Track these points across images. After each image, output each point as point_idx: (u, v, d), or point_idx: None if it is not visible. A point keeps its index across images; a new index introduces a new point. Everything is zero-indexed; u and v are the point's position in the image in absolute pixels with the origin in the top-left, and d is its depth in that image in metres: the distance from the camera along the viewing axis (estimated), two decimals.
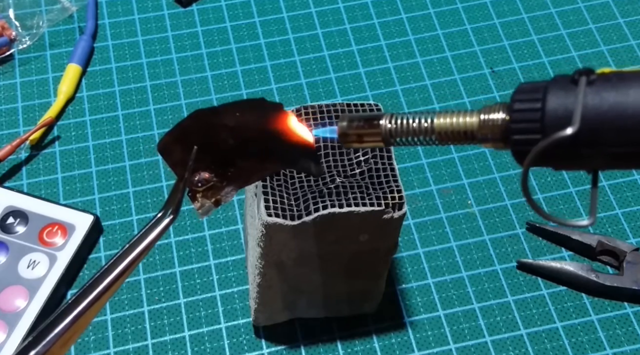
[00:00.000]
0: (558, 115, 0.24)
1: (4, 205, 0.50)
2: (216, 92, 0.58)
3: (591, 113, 0.23)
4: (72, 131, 0.56)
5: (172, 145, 0.31)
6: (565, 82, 0.25)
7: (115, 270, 0.29)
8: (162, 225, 0.30)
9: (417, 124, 0.28)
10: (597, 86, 0.24)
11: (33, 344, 0.28)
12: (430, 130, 0.28)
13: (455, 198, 0.54)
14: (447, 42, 0.61)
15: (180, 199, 0.31)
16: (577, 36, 0.62)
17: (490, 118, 0.26)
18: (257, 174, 0.33)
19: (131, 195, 0.53)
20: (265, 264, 0.41)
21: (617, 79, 0.24)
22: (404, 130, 0.28)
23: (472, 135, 0.27)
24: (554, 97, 0.24)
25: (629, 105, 0.23)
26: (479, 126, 0.27)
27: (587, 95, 0.24)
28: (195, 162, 0.31)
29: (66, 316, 0.29)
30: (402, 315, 0.49)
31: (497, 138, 0.26)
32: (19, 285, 0.48)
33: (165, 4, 0.63)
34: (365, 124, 0.29)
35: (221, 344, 0.48)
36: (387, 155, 0.40)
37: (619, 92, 0.23)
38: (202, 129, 0.31)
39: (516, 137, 0.25)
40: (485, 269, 0.51)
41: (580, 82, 0.24)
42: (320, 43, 0.61)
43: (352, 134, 0.30)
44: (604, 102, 0.23)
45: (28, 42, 0.59)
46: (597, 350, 0.47)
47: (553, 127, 0.24)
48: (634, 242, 0.52)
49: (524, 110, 0.25)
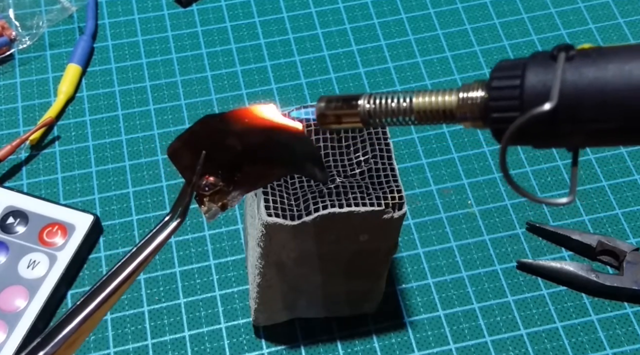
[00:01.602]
0: (537, 92, 0.23)
1: (4, 205, 0.50)
2: (216, 92, 0.58)
3: (570, 89, 0.23)
4: (72, 131, 0.56)
5: (182, 150, 0.32)
6: (544, 58, 0.24)
7: (123, 273, 0.30)
8: (170, 229, 0.30)
9: (395, 104, 0.27)
10: (577, 62, 0.23)
11: (41, 345, 0.28)
12: (409, 110, 0.27)
13: (455, 198, 0.54)
14: (447, 42, 0.61)
15: (187, 203, 0.31)
16: (576, 36, 0.62)
17: (469, 96, 0.26)
18: (263, 179, 0.34)
19: (131, 195, 0.53)
20: (265, 264, 0.41)
21: (597, 54, 0.23)
22: (383, 111, 0.27)
23: (451, 114, 0.26)
24: (532, 74, 0.24)
25: (608, 81, 0.23)
26: (458, 105, 0.26)
27: (566, 70, 0.23)
28: (203, 167, 0.31)
29: (74, 318, 0.29)
30: (402, 315, 0.49)
31: (476, 117, 0.26)
32: (19, 285, 0.48)
33: (165, 4, 0.63)
34: (343, 105, 0.28)
35: (221, 344, 0.48)
36: (387, 155, 0.40)
37: (598, 67, 0.23)
38: (210, 134, 0.31)
39: (495, 115, 0.25)
40: (485, 269, 0.51)
41: (559, 58, 0.23)
42: (320, 43, 0.61)
43: (330, 115, 0.29)
44: (583, 78, 0.23)
45: (28, 42, 0.59)
46: (597, 350, 0.48)
47: (532, 104, 0.23)
48: (634, 242, 0.52)
49: (502, 88, 0.24)
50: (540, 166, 0.55)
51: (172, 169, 0.54)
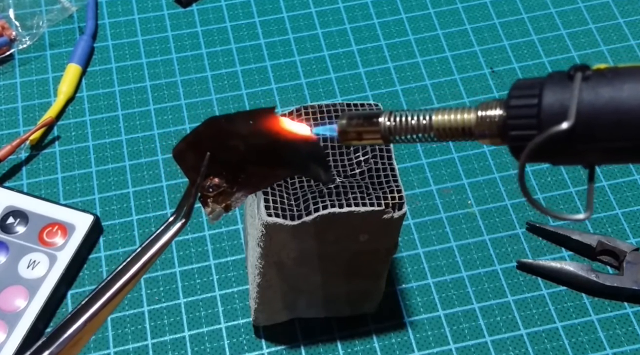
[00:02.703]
0: (554, 111, 0.24)
1: (4, 205, 0.50)
2: (216, 92, 0.58)
3: (586, 108, 0.24)
4: (72, 131, 0.56)
5: (186, 151, 0.32)
6: (561, 78, 0.25)
7: (128, 273, 0.30)
8: (174, 229, 0.31)
9: (415, 122, 0.28)
10: (593, 82, 0.24)
11: (46, 345, 0.29)
12: (429, 128, 0.28)
13: (455, 198, 0.54)
14: (447, 42, 0.61)
15: (192, 204, 0.31)
16: (577, 36, 0.62)
17: (487, 115, 0.26)
18: (267, 180, 0.34)
19: (131, 195, 0.53)
20: (265, 264, 0.41)
21: (612, 74, 0.24)
22: (403, 128, 0.28)
23: (470, 131, 0.27)
24: (550, 93, 0.24)
25: (623, 101, 0.23)
26: (477, 123, 0.27)
27: (583, 90, 0.24)
28: (208, 168, 0.31)
29: (78, 318, 0.29)
30: (402, 315, 0.49)
31: (494, 134, 0.26)
32: (19, 285, 0.48)
33: (165, 4, 0.63)
34: (364, 122, 0.29)
35: (221, 344, 0.48)
36: (387, 155, 0.40)
37: (614, 87, 0.23)
38: (215, 135, 0.32)
39: (513, 132, 0.25)
40: (485, 269, 0.51)
41: (576, 78, 0.24)
42: (320, 43, 0.61)
43: (352, 132, 0.30)
44: (599, 98, 0.24)
45: (28, 42, 0.59)
46: (597, 350, 0.48)
47: (549, 123, 0.24)
48: (634, 242, 0.52)
49: (520, 106, 0.25)
50: (540, 166, 0.55)
51: (172, 169, 0.54)
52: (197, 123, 0.58)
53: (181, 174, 0.54)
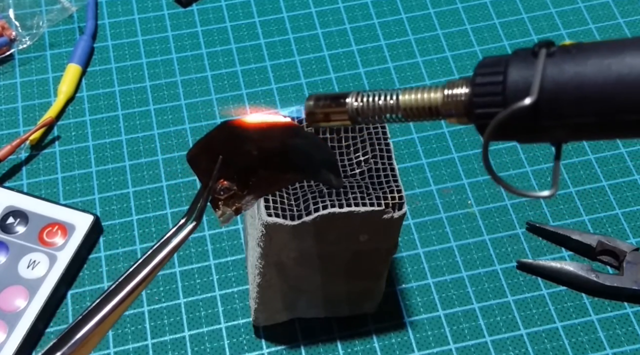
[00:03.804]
0: (519, 87, 0.24)
1: (4, 205, 0.50)
2: (216, 92, 0.58)
3: (550, 84, 0.23)
4: (72, 131, 0.56)
5: (200, 155, 0.32)
6: (526, 55, 0.24)
7: (140, 275, 0.30)
8: (185, 232, 0.31)
9: (382, 101, 0.28)
10: (557, 58, 0.24)
11: (58, 346, 0.29)
12: (396, 107, 0.27)
13: (455, 198, 0.54)
14: (447, 42, 0.61)
15: (203, 207, 0.31)
16: (576, 36, 0.62)
17: (453, 93, 0.26)
18: (277, 183, 0.34)
19: (131, 195, 0.53)
20: (265, 264, 0.41)
21: (577, 50, 0.24)
22: (370, 108, 0.28)
23: (437, 110, 0.27)
24: (514, 70, 0.24)
25: (587, 76, 0.23)
26: (443, 102, 0.27)
27: (547, 66, 0.24)
28: (220, 171, 0.32)
29: (90, 319, 0.29)
30: (402, 315, 0.49)
31: (461, 113, 0.26)
32: (19, 285, 0.48)
33: (165, 4, 0.63)
34: (331, 103, 0.29)
35: (221, 344, 0.48)
36: (387, 155, 0.40)
37: (577, 63, 0.23)
38: (227, 139, 0.32)
39: (478, 110, 0.25)
40: (485, 269, 0.51)
41: (540, 54, 0.24)
42: (320, 43, 0.61)
43: (319, 113, 0.29)
44: (563, 73, 0.23)
45: (28, 42, 0.59)
46: (597, 350, 0.48)
47: (514, 99, 0.24)
48: (634, 242, 0.52)
49: (485, 84, 0.25)
50: (540, 166, 0.55)
51: (172, 169, 0.54)
52: (197, 123, 0.58)
53: (181, 174, 0.54)
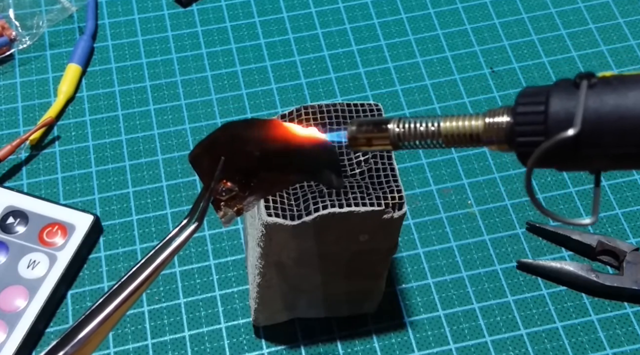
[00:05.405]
0: (560, 118, 0.25)
1: (4, 205, 0.50)
2: (216, 92, 0.58)
3: (592, 115, 0.24)
4: (72, 131, 0.56)
5: (202, 156, 0.32)
6: (567, 85, 0.25)
7: (142, 275, 0.30)
8: (187, 233, 0.31)
9: (424, 128, 0.28)
10: (598, 89, 0.24)
11: (60, 346, 0.29)
12: (437, 134, 0.28)
13: (455, 198, 0.54)
14: (447, 42, 0.61)
15: (205, 208, 0.32)
16: (577, 36, 0.62)
17: (495, 121, 0.27)
18: (279, 184, 0.34)
19: (131, 195, 0.53)
20: (265, 264, 0.41)
21: (618, 82, 0.24)
22: (412, 134, 0.29)
23: (477, 138, 0.28)
24: (556, 100, 0.25)
25: (628, 108, 0.24)
26: (485, 129, 0.27)
27: (588, 98, 0.24)
28: (222, 172, 0.32)
29: (92, 319, 0.29)
30: (402, 315, 0.49)
31: (502, 140, 0.27)
32: (19, 285, 0.48)
33: (165, 4, 0.63)
34: (374, 128, 0.30)
35: (221, 344, 0.48)
36: (387, 155, 0.40)
37: (619, 94, 0.24)
38: (230, 140, 0.32)
39: (520, 139, 0.26)
40: (485, 269, 0.51)
41: (582, 86, 0.25)
42: (320, 43, 0.61)
43: (362, 138, 0.30)
44: (604, 105, 0.24)
45: (28, 42, 0.59)
46: (597, 350, 0.48)
47: (556, 129, 0.25)
48: (634, 242, 0.52)
49: (527, 113, 0.26)
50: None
51: (172, 169, 0.54)
52: (198, 123, 0.58)
53: (181, 174, 0.54)
